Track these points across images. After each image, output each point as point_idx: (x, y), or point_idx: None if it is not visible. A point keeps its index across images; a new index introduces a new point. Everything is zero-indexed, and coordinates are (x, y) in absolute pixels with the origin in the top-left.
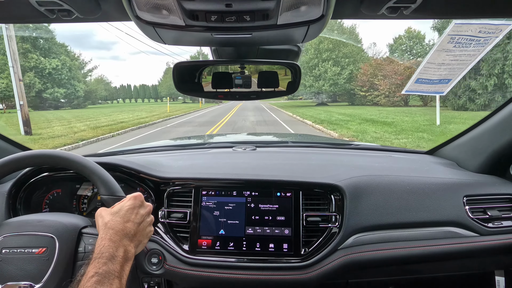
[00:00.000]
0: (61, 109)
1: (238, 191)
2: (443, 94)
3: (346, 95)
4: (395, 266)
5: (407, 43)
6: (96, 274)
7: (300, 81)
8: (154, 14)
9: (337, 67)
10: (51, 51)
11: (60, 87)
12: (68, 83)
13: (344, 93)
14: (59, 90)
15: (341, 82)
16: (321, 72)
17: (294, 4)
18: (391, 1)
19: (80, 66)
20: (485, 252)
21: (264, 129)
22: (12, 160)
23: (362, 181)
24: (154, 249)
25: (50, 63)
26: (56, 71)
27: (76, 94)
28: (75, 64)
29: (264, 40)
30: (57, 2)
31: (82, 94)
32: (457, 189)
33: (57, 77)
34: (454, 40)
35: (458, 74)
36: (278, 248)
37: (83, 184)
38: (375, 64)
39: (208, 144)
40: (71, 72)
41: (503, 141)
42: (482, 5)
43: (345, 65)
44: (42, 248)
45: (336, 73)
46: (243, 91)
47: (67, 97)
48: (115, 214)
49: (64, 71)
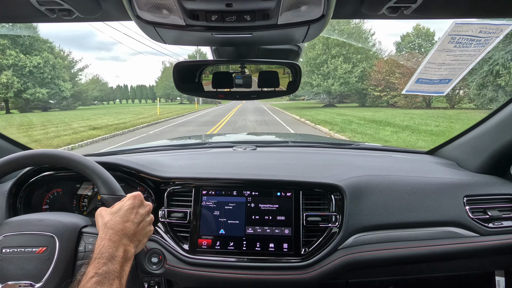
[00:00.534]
0: (49, 111)
1: (238, 191)
2: (443, 95)
3: (355, 95)
4: (395, 266)
5: (415, 40)
6: (96, 275)
7: (301, 81)
8: (154, 14)
9: (348, 64)
10: (33, 48)
11: (42, 87)
12: (52, 83)
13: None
14: (41, 90)
15: (352, 81)
16: (330, 70)
17: (294, 4)
18: (392, 1)
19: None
20: (485, 252)
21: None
22: (13, 159)
23: (362, 181)
24: (154, 249)
25: (31, 60)
26: (37, 69)
27: (61, 94)
28: (60, 62)
29: (265, 40)
30: (57, 2)
31: (68, 94)
32: (457, 189)
33: (39, 76)
34: (454, 40)
35: (458, 74)
36: (278, 248)
37: (83, 184)
38: (391, 60)
39: (208, 143)
40: (55, 71)
41: (504, 141)
42: (483, 5)
43: (357, 62)
44: (42, 247)
45: (347, 71)
46: (244, 90)
47: (51, 97)
48: (115, 213)
49: (46, 69)
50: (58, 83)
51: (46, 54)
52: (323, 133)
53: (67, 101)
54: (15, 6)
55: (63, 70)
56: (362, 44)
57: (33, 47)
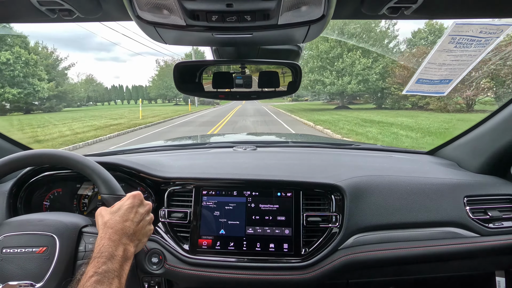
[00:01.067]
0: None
1: (238, 191)
2: (444, 95)
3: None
4: (396, 266)
5: (428, 37)
6: (96, 274)
7: (301, 81)
8: (155, 14)
9: (368, 59)
10: (4, 43)
11: (13, 87)
12: (25, 82)
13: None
14: (11, 90)
15: (372, 78)
16: (346, 65)
17: (294, 4)
18: (392, 1)
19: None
20: (485, 252)
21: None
22: (13, 159)
23: (362, 181)
24: (155, 249)
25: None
26: (6, 66)
27: (37, 95)
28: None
29: (265, 40)
30: (58, 2)
31: (46, 95)
32: (458, 189)
33: (8, 74)
34: (455, 40)
35: (459, 74)
36: (279, 248)
37: (83, 184)
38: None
39: (208, 144)
40: (28, 68)
41: (504, 142)
42: (483, 6)
43: (378, 56)
44: (43, 247)
45: (366, 66)
46: (244, 91)
47: (23, 99)
48: (115, 213)
49: (17, 66)
50: (33, 82)
51: (17, 49)
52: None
53: (50, 102)
54: (16, 6)
55: (39, 67)
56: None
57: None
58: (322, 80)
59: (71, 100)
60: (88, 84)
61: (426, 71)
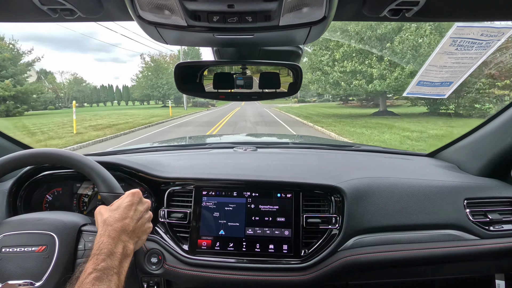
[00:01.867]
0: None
1: (238, 192)
2: (445, 97)
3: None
4: (395, 268)
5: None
6: (95, 271)
7: (302, 82)
8: (156, 14)
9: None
10: None
11: None
12: None
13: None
14: None
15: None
16: (407, 47)
17: (296, 6)
18: (393, 3)
19: (14, 59)
20: (485, 255)
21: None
22: (13, 158)
23: (362, 183)
24: (154, 249)
25: None
26: None
27: None
28: None
29: (266, 41)
30: (59, 2)
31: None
32: (458, 192)
33: None
34: (456, 42)
35: (460, 76)
36: (278, 249)
37: (83, 183)
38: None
39: (208, 144)
40: None
41: (505, 144)
42: (485, 8)
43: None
44: (42, 246)
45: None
46: (244, 91)
47: None
48: (114, 211)
49: None
50: None
51: None
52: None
53: (4, 105)
54: (17, 6)
55: None
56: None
57: None
58: (364, 72)
59: (36, 102)
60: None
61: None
